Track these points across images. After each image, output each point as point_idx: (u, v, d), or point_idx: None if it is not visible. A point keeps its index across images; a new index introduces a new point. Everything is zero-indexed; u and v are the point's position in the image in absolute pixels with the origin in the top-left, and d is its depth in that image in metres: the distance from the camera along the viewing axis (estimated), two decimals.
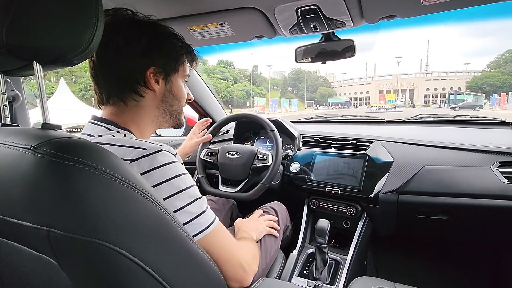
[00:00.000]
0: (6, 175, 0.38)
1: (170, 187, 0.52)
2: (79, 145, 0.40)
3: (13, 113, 0.76)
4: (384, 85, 73.09)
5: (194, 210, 0.54)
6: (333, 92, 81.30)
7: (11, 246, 0.47)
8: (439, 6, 0.71)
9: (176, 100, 0.69)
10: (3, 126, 0.53)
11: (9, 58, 0.43)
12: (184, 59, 0.69)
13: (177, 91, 0.69)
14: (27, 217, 0.38)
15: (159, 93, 0.66)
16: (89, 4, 0.44)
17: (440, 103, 56.60)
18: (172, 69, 0.66)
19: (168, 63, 0.65)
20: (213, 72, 48.02)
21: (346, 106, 66.41)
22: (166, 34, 0.66)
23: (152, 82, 0.63)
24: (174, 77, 0.67)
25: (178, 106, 0.70)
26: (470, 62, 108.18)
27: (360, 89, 77.43)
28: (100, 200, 0.38)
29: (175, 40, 0.67)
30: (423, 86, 67.51)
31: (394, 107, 41.26)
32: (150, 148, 0.53)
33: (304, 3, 0.77)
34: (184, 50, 0.68)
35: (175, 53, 0.66)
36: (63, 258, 0.40)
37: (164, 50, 0.64)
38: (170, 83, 0.67)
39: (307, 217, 1.28)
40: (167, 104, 0.68)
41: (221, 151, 1.26)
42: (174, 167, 0.54)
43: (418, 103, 61.93)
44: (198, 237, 0.54)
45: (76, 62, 0.47)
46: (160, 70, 0.64)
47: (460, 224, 1.13)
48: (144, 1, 0.83)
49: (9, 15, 0.38)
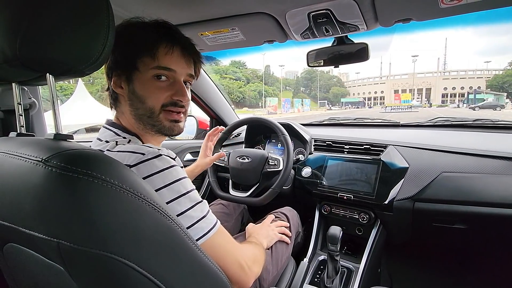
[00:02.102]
0: (18, 187, 0.39)
1: (171, 192, 0.52)
2: (89, 157, 0.40)
3: (29, 120, 0.79)
4: (399, 84, 71.41)
5: (195, 215, 0.54)
6: (346, 92, 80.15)
7: (24, 252, 0.49)
8: (458, 8, 0.68)
9: (140, 102, 0.60)
10: (18, 135, 0.54)
11: (23, 70, 0.44)
12: (140, 51, 0.59)
13: (141, 92, 0.60)
14: (38, 228, 0.39)
15: (126, 96, 0.62)
16: (100, 17, 0.44)
17: (459, 102, 54.73)
18: (128, 67, 0.60)
19: (123, 63, 0.60)
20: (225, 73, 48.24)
21: (359, 106, 65.36)
22: (129, 32, 0.61)
23: (115, 86, 0.62)
24: (135, 76, 0.60)
25: (143, 108, 0.61)
26: (491, 60, 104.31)
27: (374, 88, 76.00)
28: (108, 213, 0.38)
29: (135, 33, 0.61)
30: (441, 85, 65.53)
31: (409, 107, 40.30)
32: (148, 153, 0.52)
33: (316, 7, 0.75)
34: (140, 41, 0.60)
35: (130, 49, 0.60)
36: (72, 268, 0.40)
37: (120, 51, 0.59)
38: (133, 84, 0.60)
39: (319, 223, 1.26)
40: (133, 107, 0.61)
41: (232, 155, 1.26)
42: (174, 171, 0.53)
43: (435, 103, 60.16)
44: (200, 241, 0.53)
45: (88, 73, 0.48)
46: (120, 72, 0.61)
47: (480, 234, 1.08)
48: (156, 8, 0.83)
49: (22, 29, 0.39)
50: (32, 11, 0.40)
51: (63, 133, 0.47)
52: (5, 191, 0.41)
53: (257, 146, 1.58)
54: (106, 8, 0.45)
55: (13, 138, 0.51)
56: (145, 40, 0.60)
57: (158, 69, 0.60)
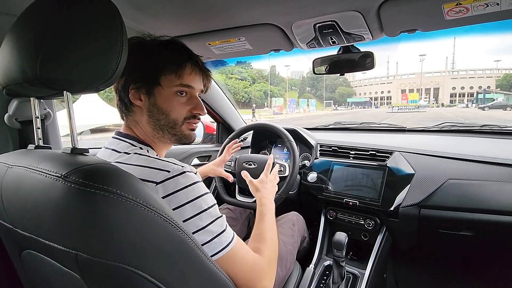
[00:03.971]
0: (38, 201, 0.42)
1: (193, 207, 0.54)
2: (105, 172, 0.42)
3: (45, 130, 0.82)
4: (406, 84, 70.66)
5: (215, 229, 0.56)
6: (352, 91, 79.64)
7: (42, 260, 0.51)
8: (463, 20, 0.68)
9: (163, 114, 0.66)
10: (36, 147, 0.57)
11: (42, 88, 0.46)
12: (165, 70, 0.65)
13: (162, 105, 0.66)
14: (57, 240, 0.41)
15: (144, 109, 0.66)
16: (114, 37, 0.46)
17: (468, 102, 53.89)
18: (151, 82, 0.65)
19: (145, 78, 0.65)
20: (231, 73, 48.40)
21: (366, 106, 64.83)
22: (150, 49, 0.66)
23: (133, 98, 0.65)
24: (157, 91, 0.65)
25: (166, 120, 0.66)
26: (500, 59, 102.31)
27: (381, 88, 75.33)
28: (123, 226, 0.40)
29: (158, 52, 0.66)
30: (449, 84, 64.63)
31: (417, 107, 39.79)
32: (173, 170, 0.55)
33: (322, 19, 0.77)
34: (166, 61, 0.65)
35: (153, 66, 0.65)
36: (89, 277, 0.42)
37: (141, 66, 0.64)
38: (154, 97, 0.65)
39: (324, 228, 1.27)
40: (154, 119, 0.66)
41: (239, 161, 1.27)
42: (196, 187, 0.56)
43: (443, 102, 59.31)
44: (218, 255, 0.56)
45: (102, 89, 0.50)
46: (140, 85, 0.64)
47: (487, 241, 1.07)
48: (165, 20, 0.86)
49: (42, 51, 0.41)
50: (51, 34, 0.42)
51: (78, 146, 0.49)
52: (27, 204, 0.44)
53: (263, 151, 1.60)
54: (120, 27, 0.47)
55: (32, 151, 0.54)
56: (171, 60, 0.66)
57: (182, 86, 0.66)
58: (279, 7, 0.75)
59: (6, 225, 0.52)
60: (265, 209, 0.85)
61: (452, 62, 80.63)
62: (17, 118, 0.76)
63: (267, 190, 0.93)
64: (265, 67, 66.10)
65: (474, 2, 0.61)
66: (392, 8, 0.70)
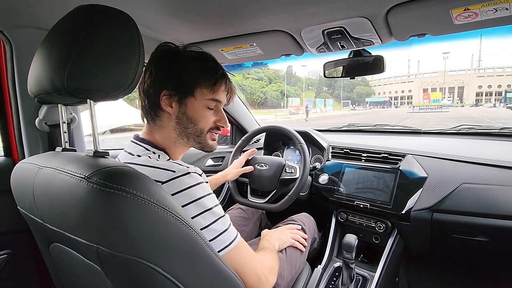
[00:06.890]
0: (65, 199, 0.47)
1: (197, 207, 0.58)
2: (123, 174, 0.46)
3: (71, 133, 0.89)
4: (428, 82, 68.00)
5: (218, 228, 0.60)
6: (371, 91, 77.73)
7: (68, 252, 0.56)
8: (472, 25, 0.68)
9: (191, 123, 0.70)
10: (63, 150, 0.63)
11: (69, 97, 0.52)
12: (201, 83, 0.69)
13: (192, 114, 0.70)
14: (81, 235, 0.46)
15: (173, 115, 0.69)
16: (132, 48, 0.51)
17: (495, 101, 51.20)
18: (185, 92, 0.68)
19: (180, 86, 0.68)
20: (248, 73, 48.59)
21: (385, 106, 63.10)
22: (186, 59, 0.70)
23: (164, 104, 0.68)
24: (189, 100, 0.69)
25: (194, 129, 0.71)
26: None
27: (401, 87, 72.98)
28: (138, 224, 0.44)
29: (195, 64, 0.70)
30: (475, 83, 61.60)
31: (440, 106, 38.28)
32: (178, 170, 0.58)
33: (330, 25, 0.78)
34: (203, 75, 0.69)
35: (190, 77, 0.68)
36: (108, 269, 0.47)
37: (176, 75, 0.68)
38: (185, 106, 0.69)
39: (335, 230, 1.27)
40: (181, 126, 0.70)
41: (251, 162, 1.31)
42: (200, 188, 0.59)
43: (468, 102, 56.70)
44: (221, 252, 0.59)
45: (121, 97, 0.55)
46: (173, 93, 0.67)
47: (503, 247, 1.04)
48: (180, 28, 0.90)
49: (69, 64, 0.46)
50: (77, 49, 0.47)
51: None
52: (55, 201, 0.49)
53: (275, 153, 1.62)
54: (137, 40, 0.52)
55: (59, 153, 0.60)
56: (208, 74, 0.70)
57: (213, 101, 0.72)
58: (288, 15, 0.77)
59: (37, 220, 0.58)
60: (265, 240, 0.92)
61: (479, 60, 76.93)
62: (46, 122, 0.83)
63: (274, 233, 0.98)
64: (282, 67, 65.85)
65: (482, 7, 0.61)
66: (399, 13, 0.71)
